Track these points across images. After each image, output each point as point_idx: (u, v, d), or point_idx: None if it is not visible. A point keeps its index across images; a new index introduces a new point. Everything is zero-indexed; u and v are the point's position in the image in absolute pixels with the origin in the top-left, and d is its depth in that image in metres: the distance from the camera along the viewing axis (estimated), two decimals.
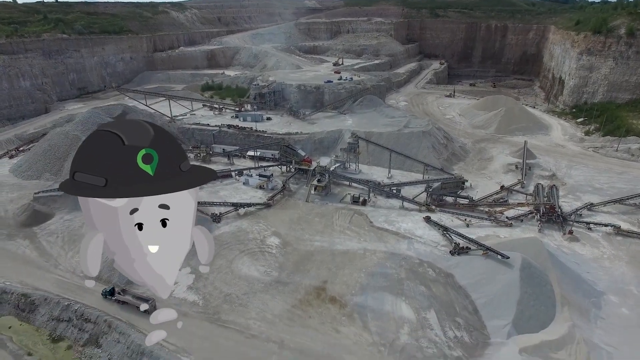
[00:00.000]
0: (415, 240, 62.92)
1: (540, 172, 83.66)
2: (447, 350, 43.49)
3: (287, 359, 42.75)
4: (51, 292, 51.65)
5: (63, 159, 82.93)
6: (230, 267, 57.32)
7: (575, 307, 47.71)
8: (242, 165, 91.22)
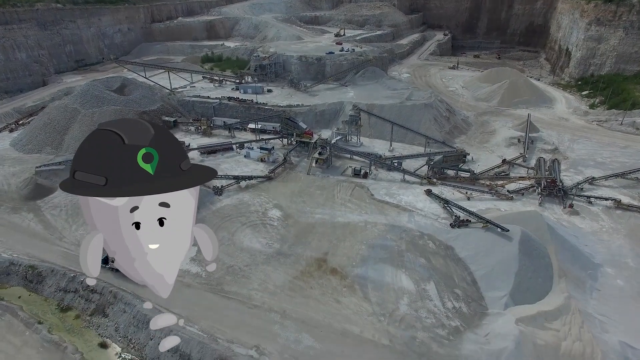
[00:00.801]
0: (416, 213, 63.37)
1: (543, 145, 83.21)
2: (446, 320, 44.50)
3: (289, 329, 43.85)
4: (57, 264, 52.58)
5: (63, 133, 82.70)
6: (232, 240, 58.03)
7: (572, 279, 48.47)
8: (243, 138, 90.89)
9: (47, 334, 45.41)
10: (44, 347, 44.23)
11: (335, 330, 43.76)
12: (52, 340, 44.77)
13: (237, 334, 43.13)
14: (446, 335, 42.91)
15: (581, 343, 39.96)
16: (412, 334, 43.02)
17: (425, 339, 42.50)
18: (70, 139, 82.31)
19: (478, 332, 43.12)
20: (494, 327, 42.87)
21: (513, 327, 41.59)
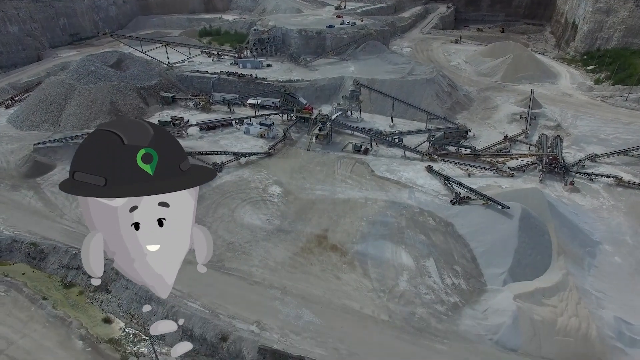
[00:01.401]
0: (417, 190, 63.32)
1: (545, 122, 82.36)
2: (445, 297, 45.05)
3: (289, 305, 44.44)
4: (59, 242, 52.85)
5: (60, 109, 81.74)
6: (232, 216, 58.15)
7: (571, 256, 48.79)
8: (242, 113, 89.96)
9: (52, 310, 46.07)
10: (49, 322, 44.93)
11: (335, 306, 44.35)
12: (57, 315, 45.45)
13: (238, 309, 43.74)
14: (445, 311, 43.52)
15: (577, 319, 40.55)
16: (411, 310, 43.63)
17: (424, 315, 43.13)
18: (68, 115, 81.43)
19: (476, 308, 43.72)
20: (492, 303, 43.44)
21: (511, 303, 42.14)
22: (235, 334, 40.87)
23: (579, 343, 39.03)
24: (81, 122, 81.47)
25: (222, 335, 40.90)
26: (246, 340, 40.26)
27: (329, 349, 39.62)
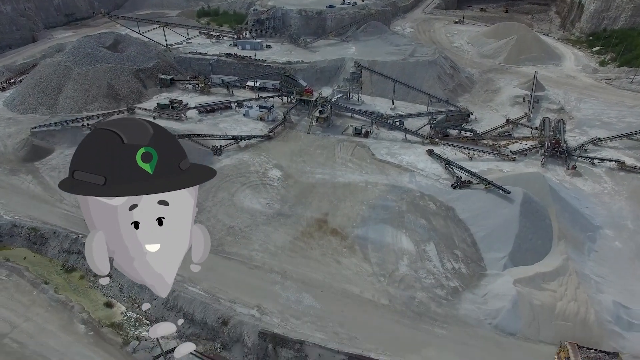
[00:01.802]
0: (417, 173, 62.95)
1: (548, 105, 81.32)
2: (445, 281, 45.18)
3: (289, 289, 44.61)
4: (59, 226, 52.80)
5: (57, 92, 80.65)
6: (232, 200, 57.96)
7: (571, 240, 48.75)
8: (241, 96, 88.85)
9: (54, 294, 46.34)
10: (51, 306, 45.24)
11: (336, 290, 44.54)
12: (59, 299, 45.74)
13: (238, 294, 43.95)
14: (445, 296, 43.72)
15: (576, 303, 40.72)
16: (411, 294, 43.82)
17: (424, 299, 43.34)
18: (65, 98, 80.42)
19: (476, 292, 43.90)
20: (492, 288, 43.60)
21: (511, 287, 42.28)
22: (236, 319, 41.14)
23: (577, 327, 39.29)
24: (79, 105, 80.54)
25: (222, 319, 41.18)
26: (246, 324, 40.55)
27: (329, 333, 39.94)
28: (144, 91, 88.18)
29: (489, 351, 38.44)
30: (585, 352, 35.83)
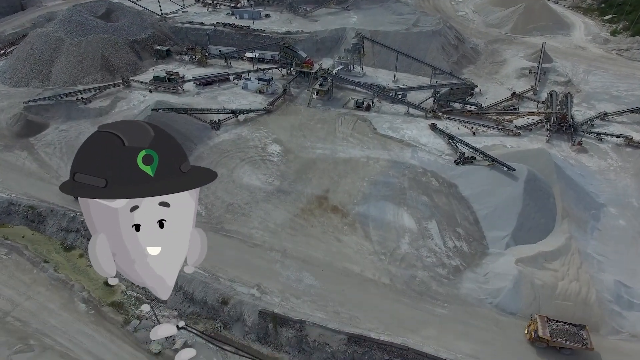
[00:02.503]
0: (420, 149, 61.70)
1: (556, 77, 78.98)
2: (446, 260, 44.88)
3: (289, 268, 44.39)
4: (56, 204, 52.13)
5: (49, 64, 78.30)
6: (231, 177, 57.09)
7: (575, 219, 48.12)
8: (240, 67, 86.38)
9: (54, 273, 46.21)
10: (52, 284, 45.19)
11: (336, 269, 44.32)
12: (59, 278, 45.63)
13: (238, 272, 43.74)
14: (446, 275, 43.51)
15: (578, 283, 40.49)
16: (412, 273, 43.61)
17: (425, 278, 43.15)
18: (58, 71, 78.18)
19: (478, 271, 43.66)
20: (493, 267, 43.32)
21: (512, 267, 41.95)
22: (236, 298, 41.07)
23: (577, 307, 39.19)
24: (72, 78, 78.43)
25: (222, 299, 41.13)
26: (247, 304, 40.51)
27: (329, 313, 39.93)
28: (140, 63, 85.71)
29: (489, 330, 38.51)
30: (553, 325, 36.72)
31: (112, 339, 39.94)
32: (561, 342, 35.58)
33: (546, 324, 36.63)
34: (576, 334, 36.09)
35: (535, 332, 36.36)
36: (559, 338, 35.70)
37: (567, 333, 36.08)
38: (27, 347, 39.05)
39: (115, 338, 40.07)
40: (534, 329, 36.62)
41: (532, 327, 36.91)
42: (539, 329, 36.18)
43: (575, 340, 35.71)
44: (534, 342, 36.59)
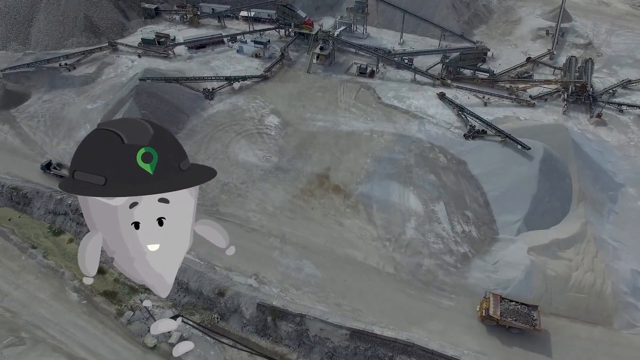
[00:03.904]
0: (427, 121, 57.79)
1: (575, 39, 73.20)
2: (454, 246, 42.62)
3: (289, 255, 42.26)
4: (42, 185, 49.33)
5: (27, 25, 72.50)
6: (226, 152, 53.92)
7: (591, 202, 45.36)
8: (234, 28, 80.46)
9: (43, 259, 44.24)
10: (41, 272, 43.38)
11: (338, 256, 42.21)
12: (49, 265, 43.73)
13: (234, 260, 41.59)
14: (453, 263, 41.40)
15: (592, 274, 38.43)
16: (418, 261, 41.51)
17: (431, 267, 41.09)
18: (38, 32, 72.52)
19: (487, 259, 41.51)
20: (504, 255, 41.13)
21: (524, 256, 39.78)
22: (233, 289, 39.25)
23: (591, 299, 37.37)
24: (54, 40, 72.93)
25: (219, 290, 39.32)
26: (244, 295, 38.73)
27: (330, 305, 38.21)
28: (127, 23, 79.63)
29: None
30: (506, 304, 36.24)
31: (106, 332, 38.58)
32: (510, 322, 35.40)
33: (498, 303, 36.18)
34: (527, 315, 35.82)
35: (486, 311, 35.96)
36: (508, 318, 35.44)
37: (518, 313, 35.86)
38: (19, 340, 37.73)
39: (109, 330, 38.70)
40: (486, 307, 36.24)
41: (484, 305, 36.56)
42: (490, 308, 35.83)
43: (525, 320, 35.46)
44: (484, 320, 36.32)
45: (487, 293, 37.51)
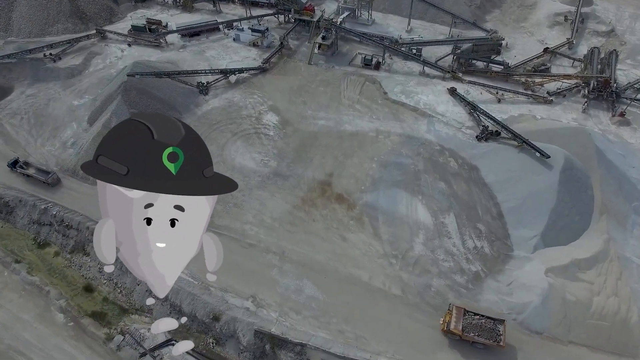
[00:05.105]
0: (437, 120, 53.98)
1: (595, 25, 68.16)
2: (465, 264, 39.71)
3: (288, 274, 39.47)
4: (25, 192, 46.24)
5: (8, 9, 67.98)
6: (222, 155, 50.49)
7: (614, 214, 42.13)
8: (231, 13, 75.67)
9: (27, 276, 41.57)
10: (25, 290, 40.80)
11: (341, 276, 39.38)
12: (33, 282, 41.07)
13: (231, 280, 38.90)
14: (465, 283, 38.59)
15: (616, 299, 35.61)
16: (426, 282, 38.68)
17: (441, 288, 38.29)
18: (20, 18, 67.92)
19: (500, 279, 38.65)
20: (519, 275, 38.24)
21: (542, 278, 36.93)
22: (229, 314, 36.61)
23: (614, 328, 34.66)
24: (38, 27, 68.41)
25: (213, 314, 36.71)
26: (241, 321, 36.13)
27: (333, 331, 35.64)
28: (116, 8, 74.85)
29: (511, 354, 34.31)
30: (469, 318, 34.72)
31: (94, 358, 36.19)
32: (472, 337, 33.82)
33: (461, 316, 34.69)
34: (491, 329, 34.24)
35: (448, 324, 34.47)
36: (471, 332, 33.93)
37: (482, 328, 34.19)
38: None
39: (97, 357, 36.38)
40: (448, 320, 34.72)
41: (447, 319, 34.97)
42: (452, 322, 34.35)
43: (489, 335, 33.71)
44: (447, 334, 34.73)
45: (450, 305, 35.87)
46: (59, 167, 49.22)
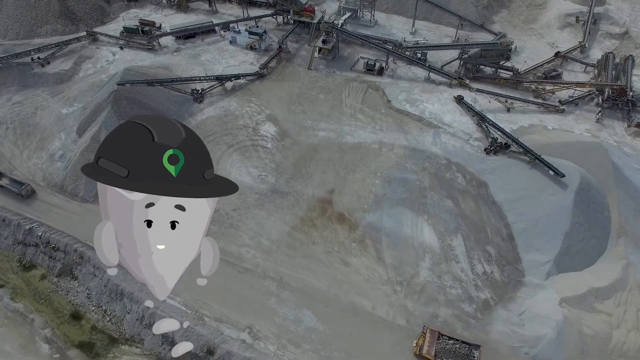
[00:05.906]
0: (443, 130, 51.43)
1: (609, 27, 65.22)
2: (474, 292, 37.47)
3: (287, 303, 37.22)
4: (9, 210, 43.87)
5: None
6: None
7: (632, 236, 39.75)
8: (227, 14, 72.78)
9: (11, 302, 39.41)
10: (8, 318, 38.65)
11: (343, 305, 37.16)
12: (17, 310, 38.89)
13: (226, 309, 36.75)
14: (473, 313, 36.37)
15: (638, 333, 33.37)
16: (433, 311, 36.48)
17: (448, 318, 36.10)
18: (6, 18, 65.42)
19: (511, 308, 36.43)
20: (531, 304, 36.02)
21: (556, 309, 34.72)
22: (223, 347, 34.42)
23: None
24: (26, 28, 65.59)
25: (207, 347, 34.52)
26: (236, 356, 33.94)
27: None
28: (108, 8, 71.94)
29: None
30: (444, 342, 33.71)
31: None
32: None
33: (435, 340, 33.53)
34: (466, 355, 33.15)
35: (420, 348, 33.29)
36: (444, 358, 32.82)
37: (456, 353, 33.08)
38: None
39: None
40: (422, 344, 33.52)
41: (420, 342, 33.75)
42: (425, 346, 33.19)
43: None
44: (419, 358, 33.47)
45: (425, 327, 34.67)
46: (46, 183, 46.87)
